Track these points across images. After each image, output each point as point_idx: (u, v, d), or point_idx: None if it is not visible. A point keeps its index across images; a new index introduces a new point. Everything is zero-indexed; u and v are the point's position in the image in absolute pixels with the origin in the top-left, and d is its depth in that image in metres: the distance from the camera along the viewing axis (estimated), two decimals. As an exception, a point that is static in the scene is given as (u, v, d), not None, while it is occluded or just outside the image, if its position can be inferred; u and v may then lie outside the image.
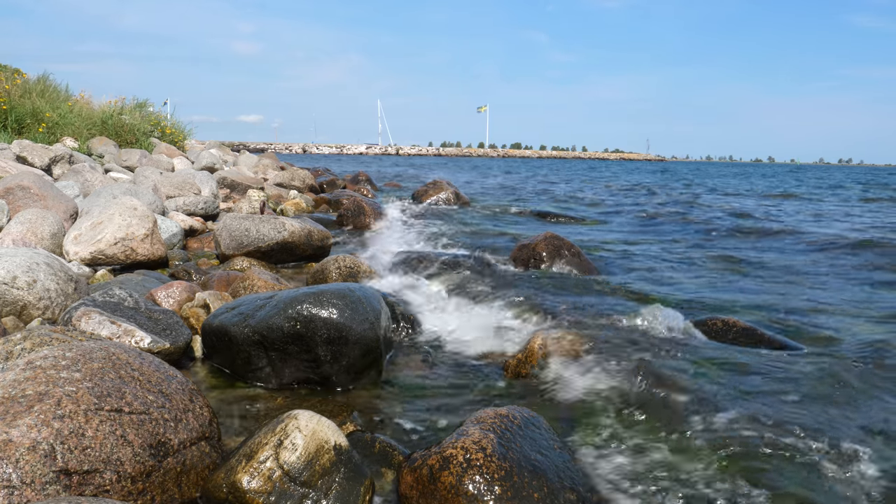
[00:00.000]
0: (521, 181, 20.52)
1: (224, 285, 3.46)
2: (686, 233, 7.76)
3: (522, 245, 5.03)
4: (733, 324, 3.16)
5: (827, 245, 6.40)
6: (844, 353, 2.85)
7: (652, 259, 5.66)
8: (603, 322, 3.20)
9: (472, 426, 1.76)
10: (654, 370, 2.46)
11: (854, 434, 2.08)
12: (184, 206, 6.03)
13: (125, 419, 1.56)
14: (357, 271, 3.97)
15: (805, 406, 2.26)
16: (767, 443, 1.99)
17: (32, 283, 2.66)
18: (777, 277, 4.88)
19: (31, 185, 4.49)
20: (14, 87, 9.44)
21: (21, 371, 1.58)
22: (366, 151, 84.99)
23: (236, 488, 1.58)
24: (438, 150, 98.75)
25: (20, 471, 1.35)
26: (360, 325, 2.44)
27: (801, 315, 3.63)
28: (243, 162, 12.90)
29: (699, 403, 2.24)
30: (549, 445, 1.80)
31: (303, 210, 7.98)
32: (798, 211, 11.37)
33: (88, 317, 2.37)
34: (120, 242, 3.97)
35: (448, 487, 1.59)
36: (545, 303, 3.97)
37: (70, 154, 7.10)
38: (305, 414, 1.72)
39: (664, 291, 4.18)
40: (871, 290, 4.47)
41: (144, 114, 12.07)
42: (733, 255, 5.85)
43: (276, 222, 4.53)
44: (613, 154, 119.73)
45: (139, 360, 1.78)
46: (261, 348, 2.46)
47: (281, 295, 2.53)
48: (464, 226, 7.40)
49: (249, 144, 76.49)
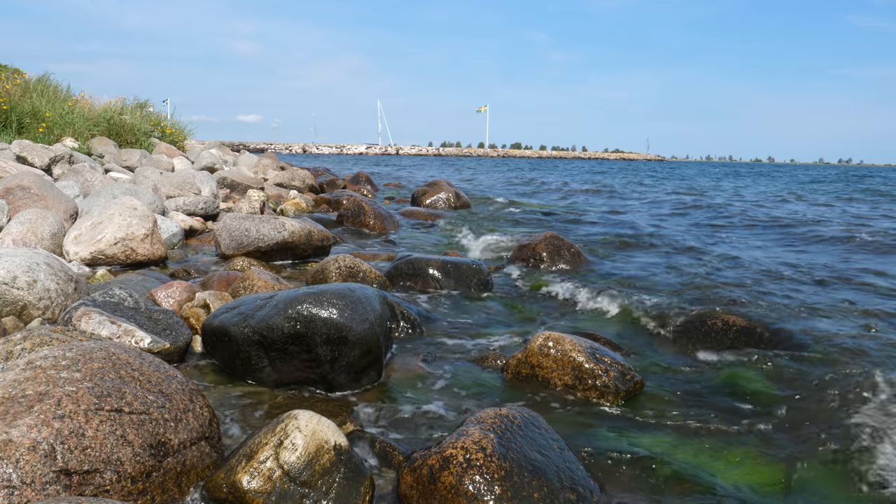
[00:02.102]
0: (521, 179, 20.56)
1: (224, 285, 3.46)
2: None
3: (523, 245, 5.03)
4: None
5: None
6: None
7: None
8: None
9: (472, 426, 1.76)
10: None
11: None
12: (184, 206, 6.03)
13: (125, 419, 1.56)
14: (357, 271, 3.97)
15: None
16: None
17: (32, 283, 2.66)
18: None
19: (31, 185, 4.49)
20: (14, 86, 9.44)
21: (21, 371, 1.58)
22: (366, 151, 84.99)
23: (236, 488, 1.58)
24: (438, 150, 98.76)
25: (20, 471, 1.35)
26: (360, 325, 2.44)
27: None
28: (243, 162, 12.90)
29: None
30: (549, 445, 1.80)
31: (303, 210, 7.98)
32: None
33: (88, 317, 2.37)
34: (120, 242, 3.98)
35: (448, 487, 1.59)
36: (543, 303, 3.98)
37: (70, 154, 7.10)
38: (305, 414, 1.72)
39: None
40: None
41: (145, 114, 12.07)
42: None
43: (276, 222, 4.53)
44: (613, 154, 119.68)
45: (139, 360, 1.78)
46: (261, 348, 2.46)
47: (281, 295, 2.54)
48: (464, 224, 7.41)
49: (249, 144, 76.50)
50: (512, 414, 1.84)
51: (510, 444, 1.70)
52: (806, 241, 6.81)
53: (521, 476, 1.62)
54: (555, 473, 1.69)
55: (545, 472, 1.67)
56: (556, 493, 1.63)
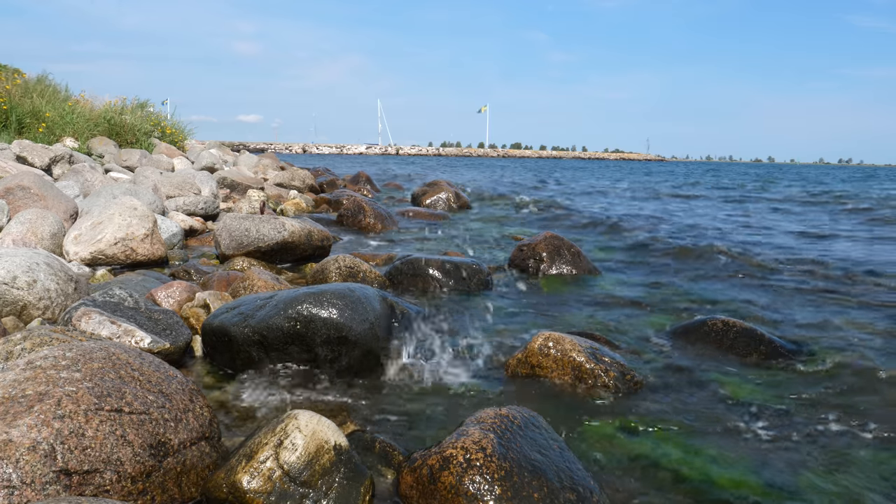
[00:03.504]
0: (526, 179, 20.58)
1: (224, 285, 3.46)
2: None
3: (523, 245, 5.03)
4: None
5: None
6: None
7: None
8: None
9: (472, 426, 1.76)
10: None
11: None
12: (184, 206, 6.03)
13: (125, 419, 1.56)
14: (357, 271, 3.97)
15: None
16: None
17: (32, 283, 2.66)
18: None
19: (31, 185, 4.49)
20: (14, 87, 9.44)
21: (21, 371, 1.58)
22: (366, 151, 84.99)
23: (236, 488, 1.58)
24: (438, 150, 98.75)
25: (20, 471, 1.35)
26: (360, 325, 2.44)
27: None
28: (243, 162, 12.90)
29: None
30: (549, 445, 1.80)
31: (303, 210, 7.98)
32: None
33: (88, 317, 2.37)
34: (120, 242, 3.98)
35: (448, 487, 1.59)
36: (543, 303, 3.98)
37: (70, 154, 7.10)
38: (305, 414, 1.72)
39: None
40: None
41: (145, 114, 12.07)
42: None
43: (276, 222, 4.53)
44: (613, 154, 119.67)
45: (139, 360, 1.78)
46: (261, 348, 2.46)
47: (281, 295, 2.54)
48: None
49: (249, 144, 76.50)
50: (512, 414, 1.84)
51: (510, 444, 1.70)
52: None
53: (521, 476, 1.62)
54: (555, 473, 1.69)
55: (545, 472, 1.67)
56: (556, 493, 1.63)
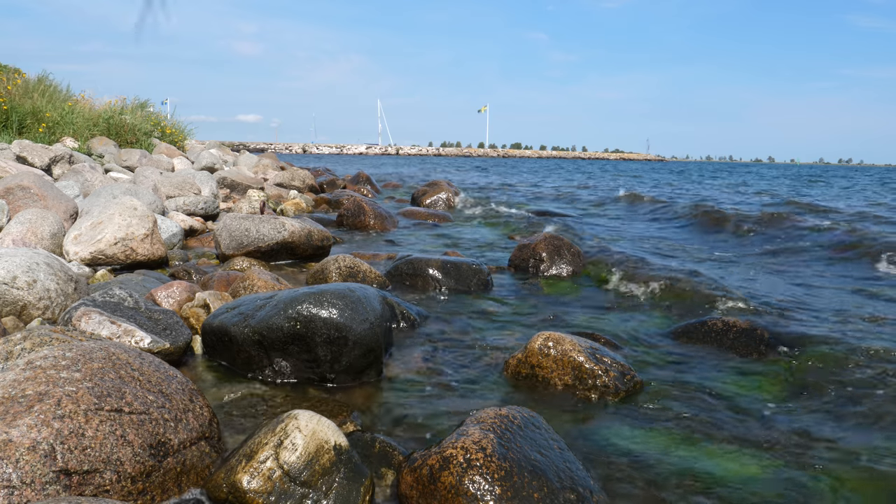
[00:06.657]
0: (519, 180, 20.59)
1: (224, 285, 3.46)
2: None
3: (523, 245, 5.03)
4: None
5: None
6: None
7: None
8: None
9: (472, 426, 1.76)
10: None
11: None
12: (184, 206, 6.03)
13: (125, 419, 1.56)
14: (357, 271, 3.97)
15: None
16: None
17: (32, 283, 2.66)
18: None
19: (31, 185, 4.49)
20: (15, 87, 9.44)
21: (21, 371, 1.58)
22: (366, 151, 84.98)
23: (236, 488, 1.58)
24: (438, 150, 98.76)
25: (20, 471, 1.35)
26: (360, 325, 2.44)
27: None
28: (243, 162, 12.90)
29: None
30: (549, 445, 1.80)
31: (303, 210, 7.98)
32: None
33: (88, 317, 2.37)
34: (120, 242, 3.97)
35: (448, 487, 1.59)
36: (543, 303, 3.97)
37: (70, 154, 7.10)
38: (305, 414, 1.72)
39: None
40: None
41: (145, 114, 12.08)
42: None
43: (276, 222, 4.53)
44: (613, 154, 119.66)
45: (139, 360, 1.78)
46: (261, 348, 2.46)
47: (281, 295, 2.54)
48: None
49: (249, 144, 76.51)
50: (512, 414, 1.84)
51: (510, 444, 1.70)
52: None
53: (521, 476, 1.62)
54: (555, 473, 1.69)
55: (545, 472, 1.67)
56: (556, 493, 1.63)
